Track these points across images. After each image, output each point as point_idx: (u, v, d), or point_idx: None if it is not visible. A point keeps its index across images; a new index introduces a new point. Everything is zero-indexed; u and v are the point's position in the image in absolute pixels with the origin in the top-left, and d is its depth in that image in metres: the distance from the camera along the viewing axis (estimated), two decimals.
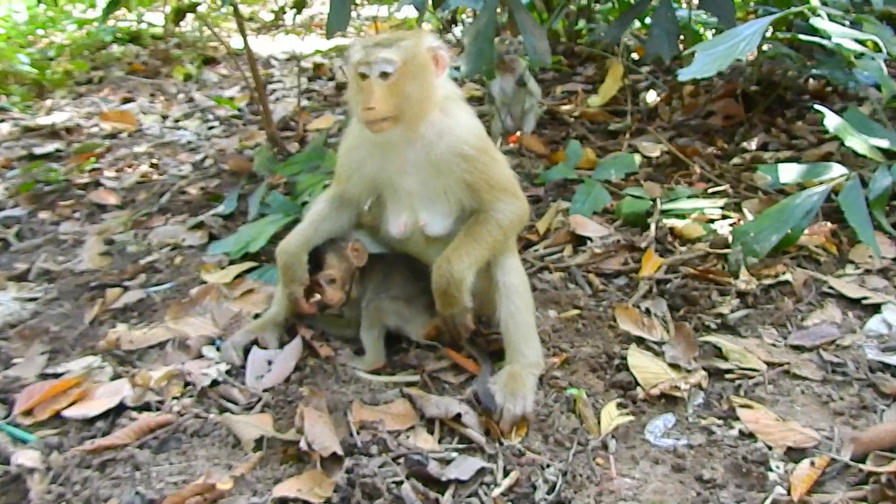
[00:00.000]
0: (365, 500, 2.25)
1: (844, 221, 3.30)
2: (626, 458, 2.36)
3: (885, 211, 3.30)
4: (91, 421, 2.68)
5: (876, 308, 2.87)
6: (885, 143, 3.24)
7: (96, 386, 2.85)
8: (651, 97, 5.44)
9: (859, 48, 2.96)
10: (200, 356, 3.03)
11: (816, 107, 3.22)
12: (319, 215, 2.95)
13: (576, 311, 3.06)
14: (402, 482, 2.28)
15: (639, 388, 2.61)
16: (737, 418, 2.44)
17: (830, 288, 3.00)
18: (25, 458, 2.44)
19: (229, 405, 2.73)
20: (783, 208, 3.18)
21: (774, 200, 3.47)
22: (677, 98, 5.18)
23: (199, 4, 4.86)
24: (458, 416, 2.51)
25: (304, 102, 6.14)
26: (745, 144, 4.46)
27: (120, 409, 2.71)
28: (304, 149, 4.70)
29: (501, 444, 2.45)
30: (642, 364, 2.67)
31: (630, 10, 4.65)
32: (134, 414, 2.68)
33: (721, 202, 3.71)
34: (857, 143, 3.18)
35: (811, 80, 5.06)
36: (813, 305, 2.94)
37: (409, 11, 7.64)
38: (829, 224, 3.38)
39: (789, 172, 3.36)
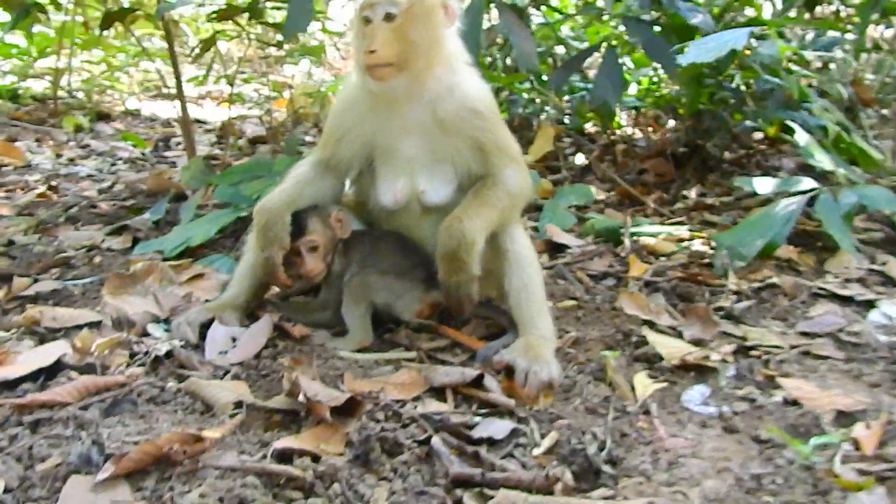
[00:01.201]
0: (384, 456, 1.84)
1: (810, 242, 3.32)
2: (671, 422, 2.11)
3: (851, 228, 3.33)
4: (14, 384, 2.13)
5: (871, 304, 2.82)
6: (843, 171, 3.33)
7: (15, 356, 2.30)
8: (580, 159, 5.49)
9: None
10: (145, 335, 2.54)
11: (789, 123, 3.26)
12: (303, 178, 2.64)
13: (572, 302, 2.86)
14: (428, 438, 1.89)
15: (664, 362, 2.36)
16: (776, 387, 2.26)
17: (820, 289, 2.95)
18: None
19: (191, 374, 2.26)
20: (764, 216, 3.17)
21: None
22: (609, 158, 5.25)
23: (132, 11, 4.48)
24: (478, 380, 2.18)
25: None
26: (684, 193, 4.51)
27: (53, 371, 2.19)
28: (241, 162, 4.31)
29: (530, 409, 2.12)
30: (663, 340, 2.47)
31: (573, 58, 4.72)
32: (74, 375, 2.16)
33: (683, 228, 3.66)
34: (825, 160, 3.24)
35: (731, 147, 5.26)
36: (808, 302, 2.85)
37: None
38: (792, 247, 3.37)
39: (765, 185, 3.38)
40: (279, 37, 5.51)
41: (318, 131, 6.19)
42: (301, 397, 1.98)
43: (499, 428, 2.00)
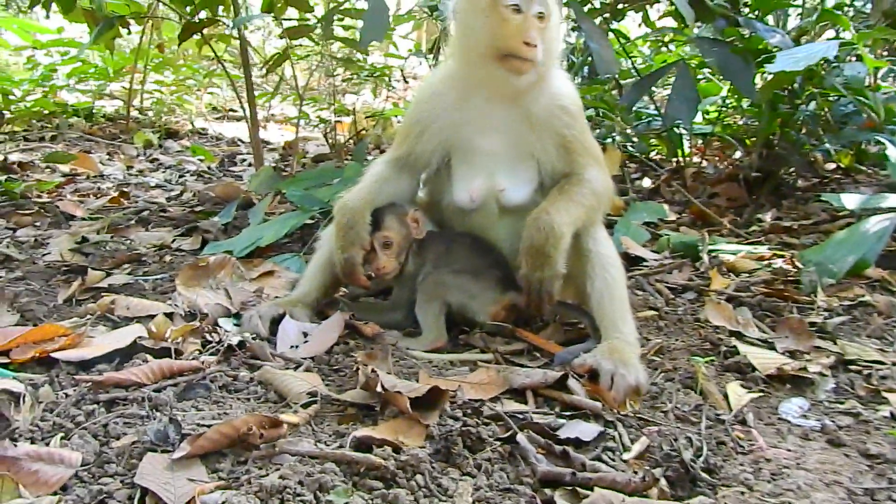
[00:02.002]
0: (467, 451, 1.73)
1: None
2: (769, 433, 1.96)
3: None
4: (89, 364, 2.09)
5: None
6: None
7: (90, 340, 2.26)
8: (646, 182, 5.36)
9: None
10: (216, 326, 2.48)
11: (880, 139, 3.10)
12: (381, 176, 2.59)
13: (652, 312, 2.73)
14: (512, 435, 1.78)
15: (757, 372, 2.22)
16: (882, 402, 2.10)
17: None
18: (4, 384, 1.82)
19: (263, 364, 2.19)
20: (854, 233, 3.00)
21: None
22: (677, 182, 5.10)
23: (212, 23, 4.53)
24: (560, 382, 2.06)
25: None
26: (759, 216, 4.34)
27: (128, 354, 2.14)
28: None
29: (617, 413, 1.99)
30: (755, 351, 2.32)
31: (645, 78, 4.62)
32: (148, 358, 2.10)
33: (763, 248, 3.50)
34: None
35: (805, 176, 5.07)
36: None
37: None
38: (880, 269, 3.18)
39: (852, 200, 3.21)
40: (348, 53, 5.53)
41: (380, 152, 6.20)
42: (378, 388, 1.88)
43: (586, 430, 1.87)
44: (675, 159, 5.46)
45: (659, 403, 2.09)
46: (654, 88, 5.45)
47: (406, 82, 8.45)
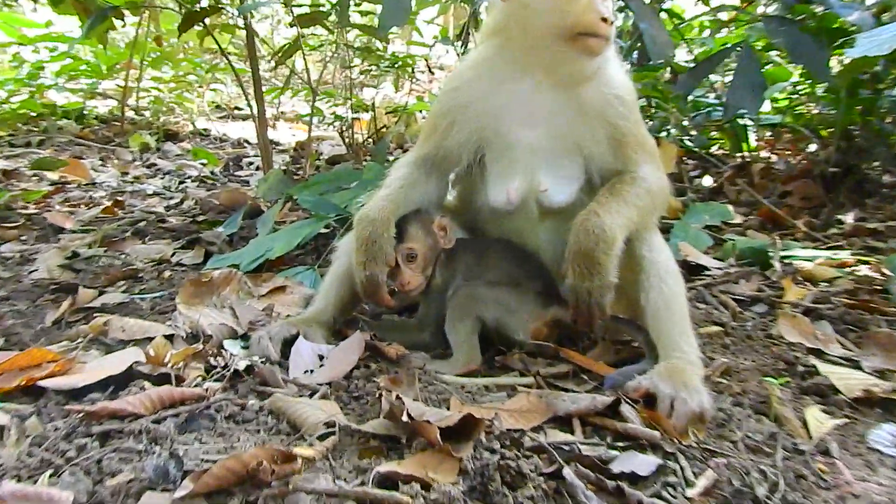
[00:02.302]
0: (506, 488, 1.71)
1: None
2: (856, 464, 1.92)
3: None
4: (81, 393, 2.11)
5: None
6: None
7: (81, 366, 2.28)
8: (707, 181, 5.32)
9: None
10: (221, 349, 2.49)
11: None
12: (407, 180, 2.58)
13: (717, 328, 2.70)
14: (557, 470, 1.75)
15: (841, 395, 2.18)
16: None
17: None
18: None
19: (274, 392, 2.19)
20: None
21: None
22: (743, 179, 5.05)
23: (214, 11, 4.59)
24: (612, 408, 2.03)
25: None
26: (838, 217, 4.28)
27: (123, 381, 2.16)
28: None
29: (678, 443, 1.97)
30: (838, 371, 2.27)
31: (703, 62, 4.58)
32: (146, 385, 2.12)
33: (844, 253, 3.45)
34: None
35: (892, 171, 5.00)
36: None
37: None
38: None
39: None
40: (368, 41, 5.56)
41: (403, 152, 6.22)
42: (404, 417, 1.87)
43: (642, 463, 1.85)
44: (739, 154, 5.41)
45: (727, 432, 2.05)
46: (713, 75, 5.40)
47: (431, 73, 8.47)
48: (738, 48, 4.37)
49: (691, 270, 3.27)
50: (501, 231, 2.60)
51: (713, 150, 5.83)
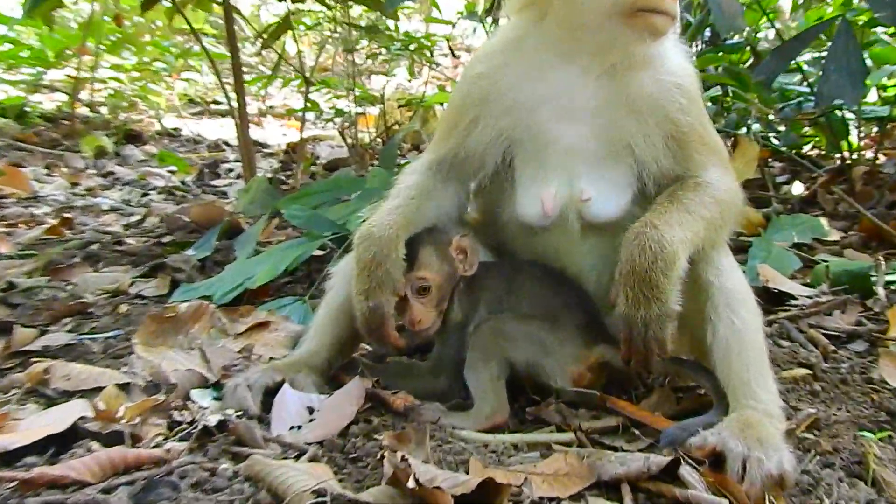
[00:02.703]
0: None
1: None
2: None
3: None
4: (15, 456, 2.15)
5: None
6: None
7: (15, 424, 2.33)
8: (797, 188, 5.33)
9: None
10: (188, 401, 2.54)
11: None
12: (419, 189, 2.62)
13: (804, 371, 2.72)
14: None
15: None
16: None
17: None
18: None
19: (252, 453, 2.22)
20: None
21: None
22: (843, 185, 5.05)
23: None
24: (670, 470, 2.05)
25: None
26: None
27: (66, 441, 2.20)
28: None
29: None
30: None
31: (790, 42, 4.60)
32: (94, 446, 2.16)
33: None
34: None
35: None
36: None
37: None
38: None
39: None
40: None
41: (418, 154, 6.26)
42: (411, 482, 1.89)
43: None
44: (837, 155, 5.41)
45: (814, 499, 2.07)
46: (805, 55, 5.42)
47: (455, 57, 8.56)
48: (835, 24, 4.37)
49: (773, 299, 3.29)
50: (535, 252, 2.63)
51: (805, 149, 5.83)
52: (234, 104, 4.93)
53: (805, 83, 5.41)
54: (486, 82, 2.56)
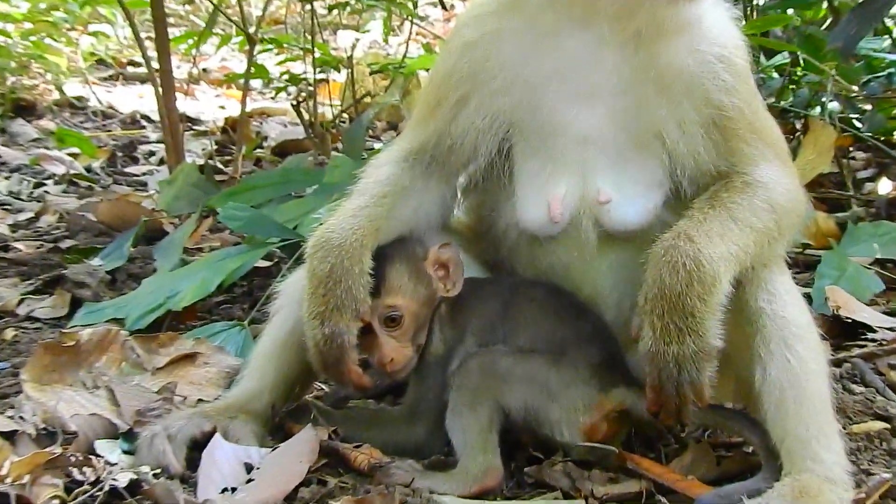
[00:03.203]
0: None
1: None
2: None
3: None
4: None
5: None
6: None
7: None
8: (885, 187, 5.38)
9: None
10: (92, 456, 2.58)
11: None
12: (393, 185, 2.67)
13: (881, 424, 2.76)
14: None
15: None
16: None
17: None
18: None
19: None
20: None
21: None
22: None
23: None
24: None
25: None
26: None
27: None
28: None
29: None
30: None
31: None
32: None
33: None
34: None
35: None
36: None
37: None
38: None
39: None
40: None
41: (397, 136, 6.25)
42: None
43: None
44: None
45: None
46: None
47: (445, 8, 8.58)
48: None
49: (845, 331, 3.33)
50: (539, 268, 2.69)
51: None
52: (156, 67, 4.96)
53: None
54: (478, 52, 2.60)
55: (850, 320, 3.40)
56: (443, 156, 2.67)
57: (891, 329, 3.39)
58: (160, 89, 4.94)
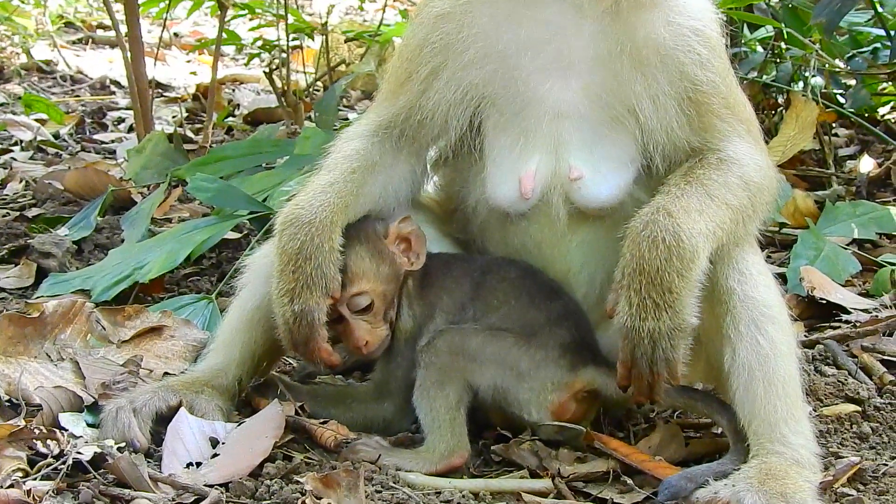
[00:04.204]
0: None
1: None
2: None
3: None
4: None
5: None
6: None
7: None
8: (866, 164, 5.40)
9: None
10: (56, 427, 2.60)
11: None
12: (362, 160, 2.68)
13: (852, 407, 2.79)
14: None
15: None
16: None
17: None
18: None
19: (136, 498, 2.29)
20: None
21: None
22: None
23: None
24: None
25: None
26: None
27: None
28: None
29: None
30: None
31: None
32: None
33: None
34: None
35: None
36: None
37: None
38: None
39: None
40: None
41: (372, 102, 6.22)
42: None
43: None
44: None
45: None
46: None
47: None
48: None
49: (820, 313, 3.36)
50: (509, 245, 2.71)
51: (880, 113, 5.87)
52: (125, 31, 4.96)
53: (881, 25, 5.47)
54: (450, 24, 2.61)
55: (823, 301, 3.43)
56: (413, 130, 2.69)
57: (865, 311, 3.43)
58: (129, 55, 4.92)
